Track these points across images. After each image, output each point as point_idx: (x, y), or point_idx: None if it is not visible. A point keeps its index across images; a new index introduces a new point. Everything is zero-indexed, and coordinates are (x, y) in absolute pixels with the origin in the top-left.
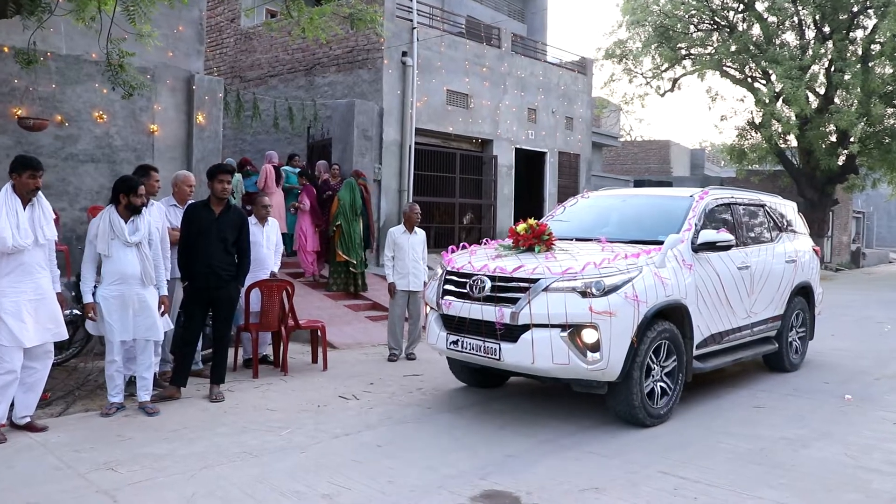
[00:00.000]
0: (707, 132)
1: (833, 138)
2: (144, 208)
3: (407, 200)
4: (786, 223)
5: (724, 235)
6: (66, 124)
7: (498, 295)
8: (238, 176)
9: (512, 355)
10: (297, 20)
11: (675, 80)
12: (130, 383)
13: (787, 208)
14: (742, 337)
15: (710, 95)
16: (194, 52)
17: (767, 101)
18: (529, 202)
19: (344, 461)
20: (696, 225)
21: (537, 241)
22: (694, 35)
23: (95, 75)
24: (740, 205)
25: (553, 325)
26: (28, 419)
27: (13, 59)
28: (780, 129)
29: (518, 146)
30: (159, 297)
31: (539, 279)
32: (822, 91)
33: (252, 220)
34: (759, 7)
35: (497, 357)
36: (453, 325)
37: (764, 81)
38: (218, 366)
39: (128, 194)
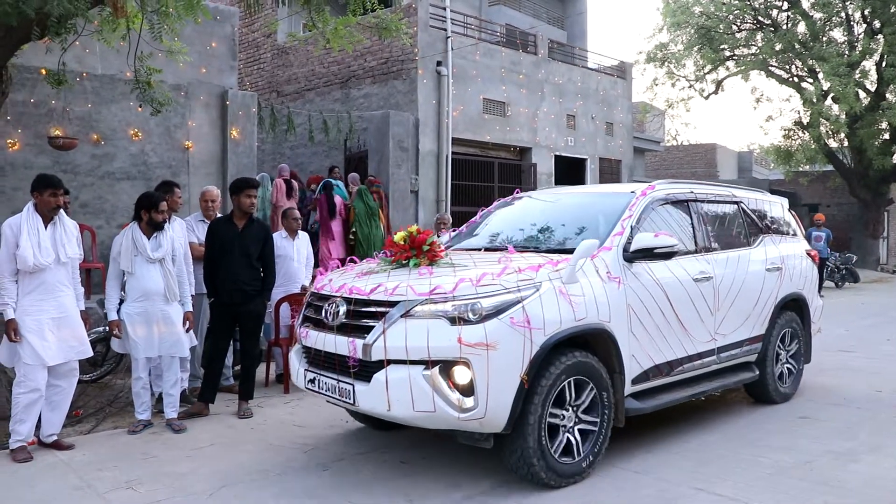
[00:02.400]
0: (754, 134)
1: (886, 136)
2: (167, 224)
3: (444, 211)
4: (769, 223)
5: (664, 239)
6: (102, 143)
7: (352, 322)
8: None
9: (366, 399)
10: (323, 32)
11: (718, 83)
12: (160, 400)
13: (773, 205)
14: (704, 366)
15: (754, 96)
16: (227, 68)
17: (815, 100)
18: None
19: (364, 479)
20: (631, 228)
21: (417, 252)
22: (737, 35)
23: (130, 94)
24: (703, 201)
25: (413, 362)
26: (55, 437)
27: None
28: (829, 129)
29: (557, 153)
30: (184, 313)
31: (399, 302)
32: (872, 88)
33: (282, 233)
34: (805, 4)
35: (352, 400)
36: (311, 358)
37: (811, 80)
38: (246, 381)
39: (149, 210)
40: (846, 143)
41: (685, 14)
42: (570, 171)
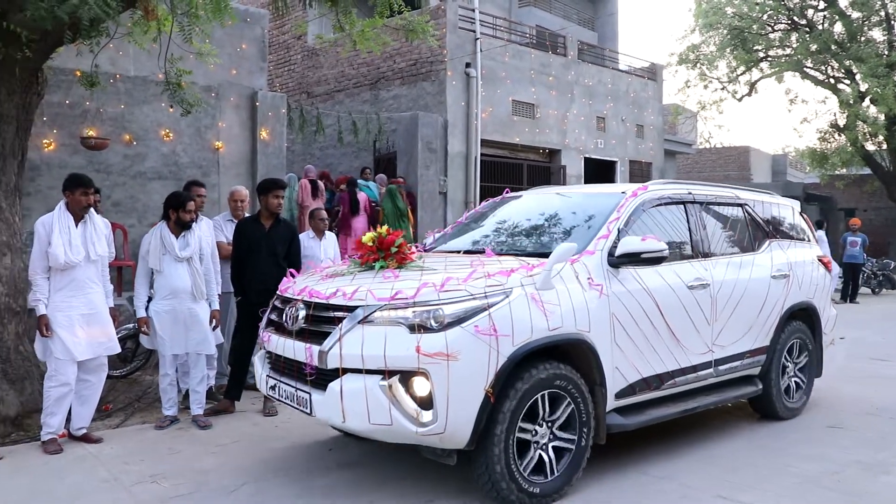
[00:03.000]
0: (789, 137)
1: None
2: (194, 224)
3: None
4: (777, 227)
5: (651, 244)
6: (135, 143)
7: (310, 328)
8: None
9: (322, 409)
10: (349, 34)
11: (752, 84)
12: (187, 397)
13: (782, 209)
14: (700, 379)
15: (789, 98)
16: (257, 70)
17: (852, 101)
18: None
19: (387, 478)
20: (618, 231)
21: (385, 254)
22: (771, 36)
23: (161, 95)
24: (702, 203)
25: (370, 371)
26: (84, 430)
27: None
28: (866, 131)
29: (587, 155)
30: (210, 311)
31: (358, 307)
32: None
33: (309, 233)
34: (842, 3)
35: (308, 410)
36: (273, 363)
37: (847, 81)
38: None
39: (177, 210)
40: (884, 146)
41: (717, 15)
42: (599, 174)
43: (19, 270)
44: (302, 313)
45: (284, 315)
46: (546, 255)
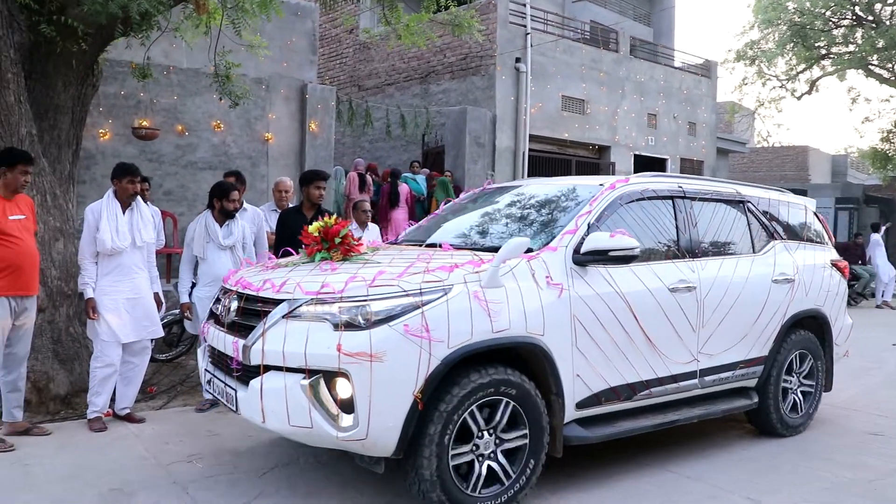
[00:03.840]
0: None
1: None
2: (238, 213)
3: None
4: (784, 228)
5: (621, 240)
6: (186, 133)
7: (240, 321)
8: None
9: (245, 406)
10: (395, 28)
11: (812, 82)
12: None
13: (792, 207)
14: (681, 390)
15: (850, 97)
16: (307, 63)
17: None
18: None
19: None
20: (588, 226)
21: (330, 245)
22: (834, 32)
23: (210, 87)
24: (693, 199)
25: (291, 369)
26: (127, 410)
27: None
28: None
29: (637, 153)
30: None
31: (284, 300)
32: None
33: (353, 225)
34: None
35: (234, 407)
36: (211, 357)
37: None
38: None
39: (221, 199)
40: None
41: (777, 10)
42: (649, 171)
43: (71, 255)
44: (234, 305)
45: (220, 307)
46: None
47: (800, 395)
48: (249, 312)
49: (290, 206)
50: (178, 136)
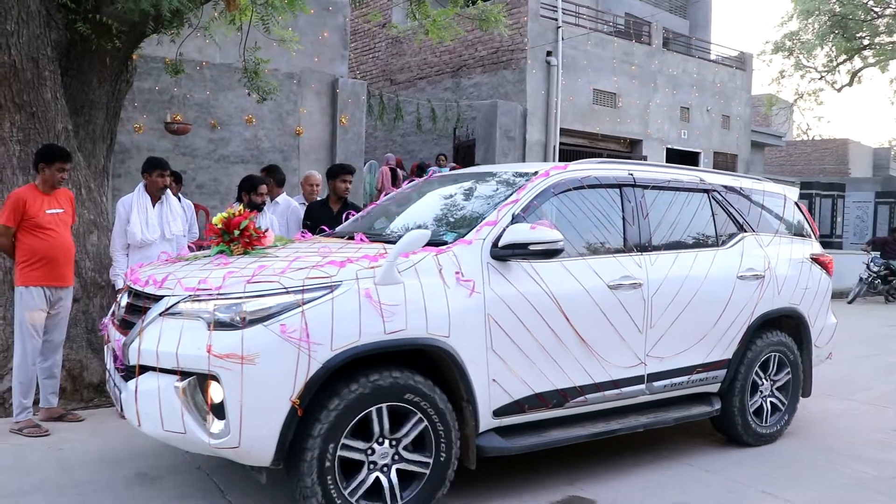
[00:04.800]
0: (894, 129)
1: None
2: (267, 206)
3: None
4: (756, 219)
5: (541, 233)
6: (219, 128)
7: (127, 317)
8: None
9: (126, 408)
10: (422, 23)
11: (854, 73)
12: None
13: (767, 197)
14: (625, 397)
15: (893, 88)
16: (338, 57)
17: None
18: None
19: None
20: (511, 217)
21: (231, 237)
22: (876, 22)
23: (242, 82)
24: (645, 188)
25: (164, 370)
26: None
27: (165, 71)
28: None
29: (669, 146)
30: None
31: (163, 297)
32: None
33: None
34: None
35: (120, 408)
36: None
37: None
38: None
39: (249, 192)
40: None
41: (817, 1)
42: (682, 165)
43: (105, 247)
44: (124, 301)
45: (115, 303)
46: (429, 244)
47: (772, 401)
48: (134, 309)
49: (319, 199)
50: (211, 131)
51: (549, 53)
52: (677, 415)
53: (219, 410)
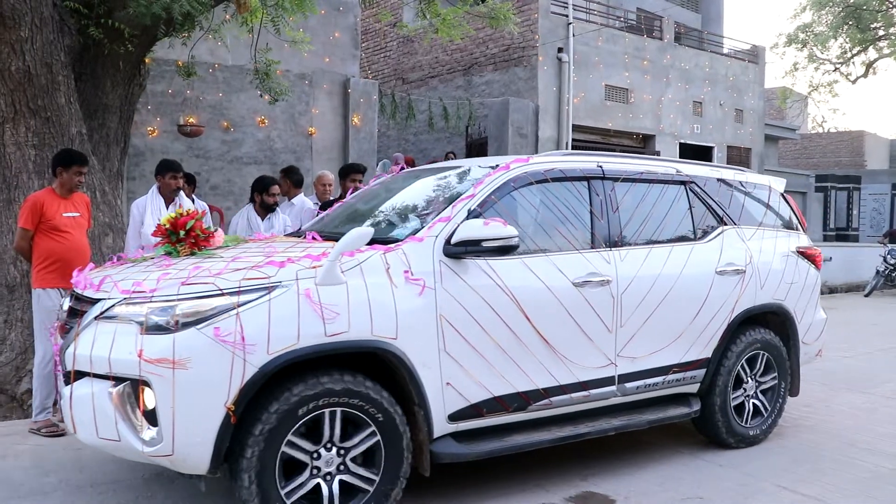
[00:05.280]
0: None
1: None
2: (278, 206)
3: None
4: (738, 211)
5: (495, 229)
6: (232, 129)
7: (68, 321)
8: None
9: (64, 414)
10: (432, 22)
11: (868, 65)
12: None
13: (750, 188)
14: (594, 399)
15: None
16: (350, 57)
17: None
18: None
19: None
20: (467, 212)
21: (177, 239)
22: (891, 12)
23: (254, 84)
24: (616, 180)
25: (98, 376)
26: None
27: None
28: None
29: (682, 141)
30: None
31: (99, 300)
32: None
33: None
34: None
35: (60, 414)
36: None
37: None
38: None
39: (262, 193)
40: None
41: None
42: (695, 160)
43: (120, 249)
44: (66, 304)
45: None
46: (382, 242)
47: (756, 402)
48: (74, 313)
49: (331, 198)
50: (224, 132)
51: (560, 50)
52: (652, 417)
53: (152, 417)
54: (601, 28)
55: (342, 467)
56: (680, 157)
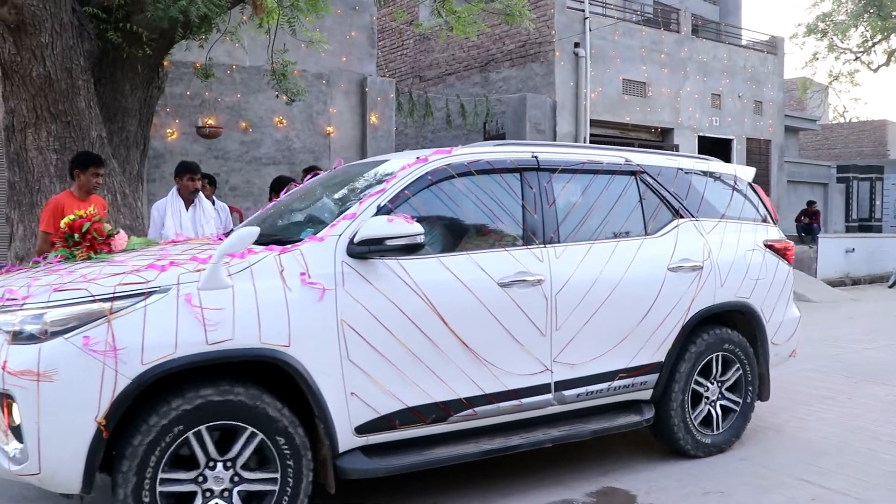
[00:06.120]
0: None
1: None
2: None
3: None
4: (696, 203)
5: (398, 226)
6: (250, 130)
7: None
8: None
9: None
10: (447, 20)
11: (890, 53)
12: None
13: (713, 179)
14: (527, 408)
15: None
16: (366, 56)
17: None
18: None
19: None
20: (377, 209)
21: (73, 242)
22: None
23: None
24: (554, 171)
25: None
26: None
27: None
28: None
29: (701, 134)
30: None
31: None
32: None
33: None
34: None
35: None
36: None
37: None
38: None
39: (278, 193)
40: None
41: None
42: (714, 153)
43: None
44: None
45: None
46: (285, 242)
47: (720, 407)
48: None
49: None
50: (243, 133)
51: (576, 45)
52: (597, 426)
53: (18, 433)
54: (618, 22)
55: (235, 479)
56: (699, 151)
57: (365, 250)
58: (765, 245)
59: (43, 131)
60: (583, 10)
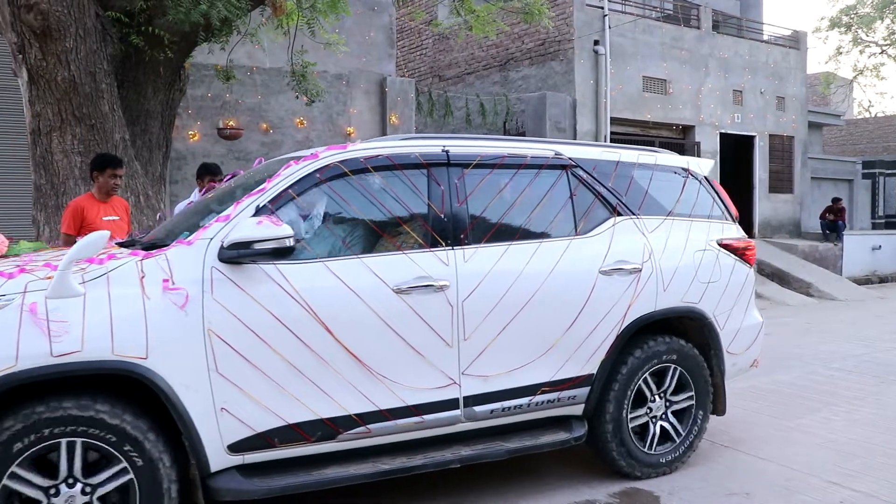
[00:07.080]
0: None
1: None
2: None
3: None
4: (638, 200)
5: (266, 229)
6: (271, 131)
7: None
8: None
9: None
10: (466, 20)
11: None
12: None
13: (659, 172)
14: (430, 425)
15: None
16: (386, 56)
17: None
18: (737, 190)
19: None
20: (256, 209)
21: None
22: None
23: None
24: (467, 166)
25: None
26: None
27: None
28: None
29: (723, 131)
30: None
31: None
32: None
33: None
34: None
35: None
36: None
37: None
38: None
39: (203, 179)
40: None
41: None
42: (737, 150)
43: None
44: None
45: None
46: (158, 248)
47: (667, 422)
48: None
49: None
50: (263, 134)
51: (596, 42)
52: (516, 445)
53: None
54: (637, 19)
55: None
56: (720, 148)
57: (235, 255)
58: (719, 245)
59: (68, 135)
60: (602, 8)
